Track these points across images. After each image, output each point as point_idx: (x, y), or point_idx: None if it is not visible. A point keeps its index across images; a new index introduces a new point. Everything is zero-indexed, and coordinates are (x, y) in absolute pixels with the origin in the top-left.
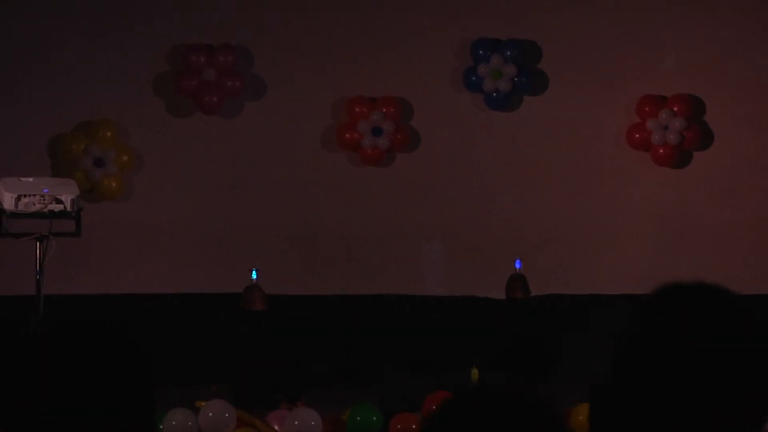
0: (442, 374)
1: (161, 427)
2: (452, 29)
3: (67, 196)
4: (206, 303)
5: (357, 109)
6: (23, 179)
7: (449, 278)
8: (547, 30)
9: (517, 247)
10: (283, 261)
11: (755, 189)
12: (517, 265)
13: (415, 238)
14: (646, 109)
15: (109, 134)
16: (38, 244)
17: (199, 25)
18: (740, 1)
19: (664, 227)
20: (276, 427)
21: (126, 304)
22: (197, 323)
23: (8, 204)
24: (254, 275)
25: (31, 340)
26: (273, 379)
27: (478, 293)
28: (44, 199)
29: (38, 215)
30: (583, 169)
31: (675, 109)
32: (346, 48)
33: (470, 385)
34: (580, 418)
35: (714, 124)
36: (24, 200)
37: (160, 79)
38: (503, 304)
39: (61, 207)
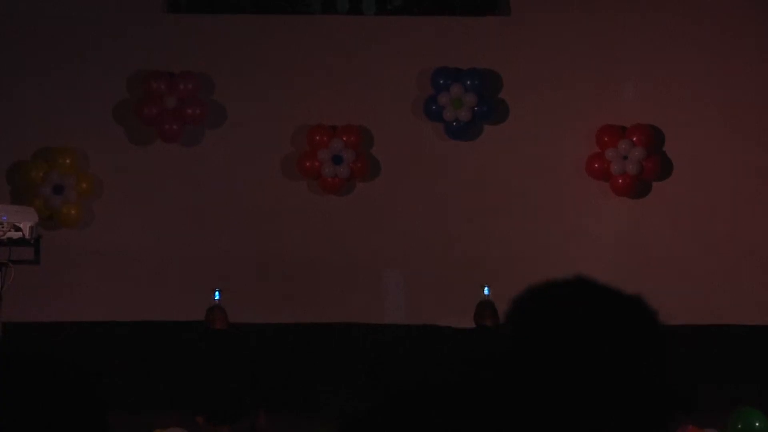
0: None
1: None
2: (413, 58)
3: (26, 223)
4: (166, 330)
5: (317, 138)
6: None
7: (410, 307)
8: (508, 59)
9: (476, 276)
10: (242, 288)
11: (713, 219)
12: (486, 292)
13: (375, 267)
14: (606, 138)
15: (68, 161)
16: None
17: (160, 53)
18: (699, 32)
19: (623, 256)
20: None
21: (85, 331)
22: (157, 350)
23: None
24: (217, 296)
25: None
26: (229, 405)
27: (439, 322)
28: (3, 227)
29: None
30: (542, 199)
31: (634, 139)
32: (306, 76)
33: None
34: None
35: (673, 155)
36: None
37: (120, 107)
38: (472, 333)
39: (19, 234)
